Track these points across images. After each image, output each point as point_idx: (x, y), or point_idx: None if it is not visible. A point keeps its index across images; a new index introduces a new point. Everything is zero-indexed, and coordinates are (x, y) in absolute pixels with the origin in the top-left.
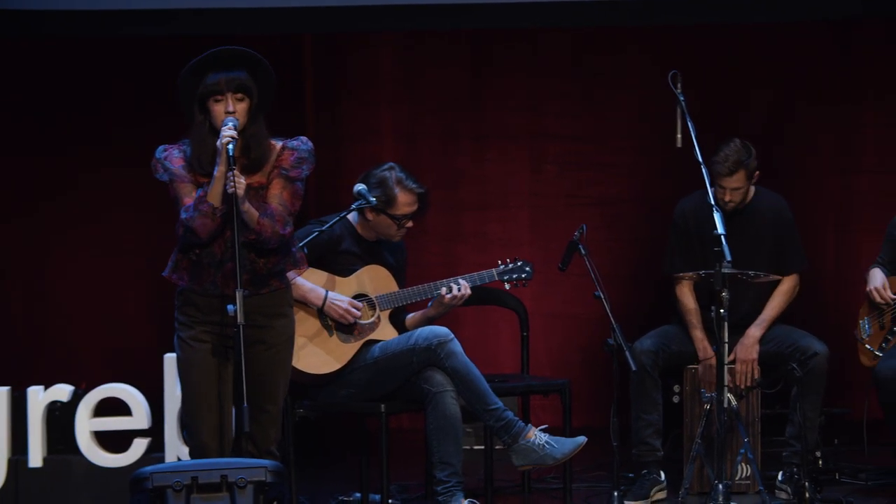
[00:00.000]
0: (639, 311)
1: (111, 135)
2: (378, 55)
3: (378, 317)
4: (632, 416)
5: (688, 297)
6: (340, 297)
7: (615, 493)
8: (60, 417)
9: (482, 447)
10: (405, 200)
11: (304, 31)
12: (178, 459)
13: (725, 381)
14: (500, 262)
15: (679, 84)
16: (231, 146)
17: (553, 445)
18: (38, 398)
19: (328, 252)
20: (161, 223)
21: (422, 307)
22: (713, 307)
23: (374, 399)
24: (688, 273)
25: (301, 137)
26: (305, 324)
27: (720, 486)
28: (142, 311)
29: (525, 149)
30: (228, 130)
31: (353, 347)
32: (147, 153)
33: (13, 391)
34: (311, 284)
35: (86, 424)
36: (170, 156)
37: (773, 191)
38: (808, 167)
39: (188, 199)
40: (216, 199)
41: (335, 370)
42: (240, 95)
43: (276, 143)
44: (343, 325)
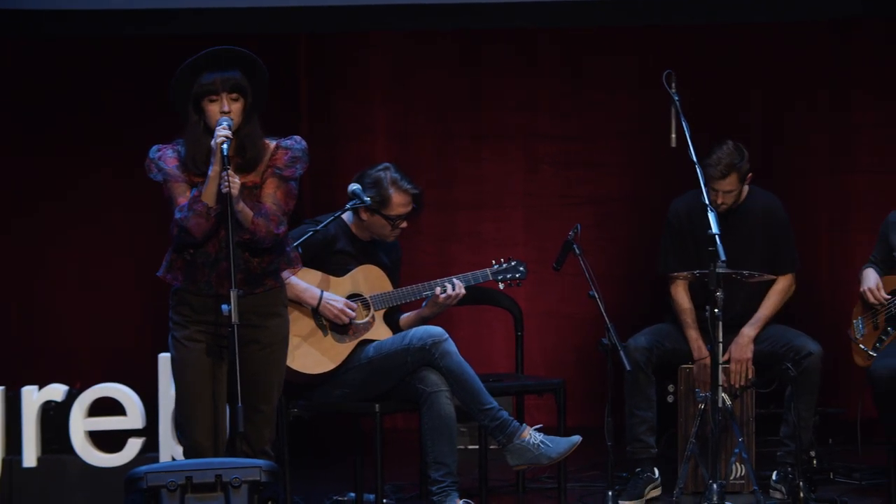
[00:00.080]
0: (633, 311)
1: (106, 135)
2: (373, 55)
3: (372, 316)
4: (626, 413)
5: (682, 297)
6: (335, 298)
7: (609, 493)
8: (55, 417)
9: (476, 447)
10: (400, 201)
11: (299, 31)
12: (173, 459)
13: (720, 381)
14: (494, 262)
15: (673, 84)
16: (225, 146)
17: (548, 445)
18: (33, 398)
19: (323, 252)
20: (155, 223)
21: (416, 307)
22: (707, 306)
23: (369, 399)
24: (682, 273)
25: (295, 137)
26: (300, 323)
27: (714, 486)
28: (136, 311)
29: (519, 148)
30: (223, 130)
31: (348, 347)
32: (142, 153)
33: (7, 391)
34: (306, 284)
35: (80, 424)
36: (164, 156)
37: (768, 190)
38: (803, 167)
39: (182, 199)
40: (211, 199)
41: (330, 370)
42: (235, 95)
43: (270, 143)
44: (338, 325)
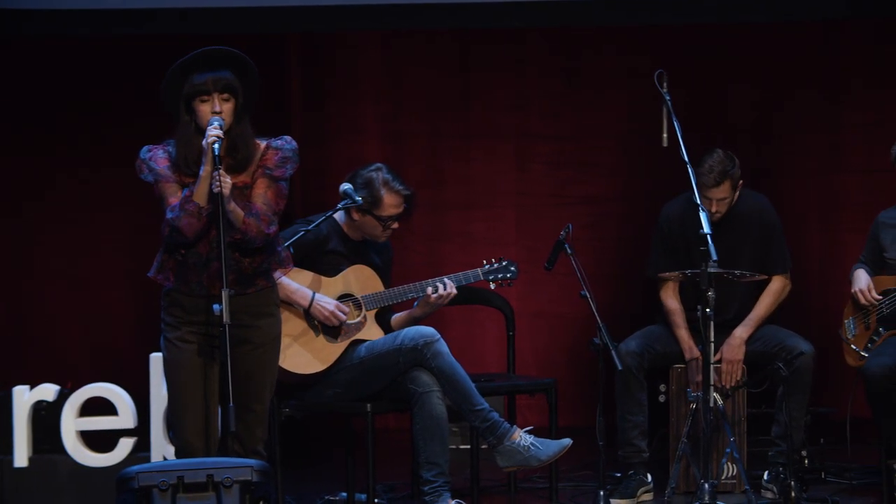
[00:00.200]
0: (625, 311)
1: (97, 134)
2: (363, 55)
3: (364, 317)
4: (617, 417)
5: (671, 300)
6: (327, 300)
7: (601, 493)
8: (46, 417)
9: (468, 447)
10: (391, 202)
11: (290, 31)
12: (164, 459)
13: (711, 381)
14: (486, 262)
15: (665, 83)
16: (217, 145)
17: (538, 447)
18: (24, 398)
19: (315, 251)
20: (147, 223)
21: (408, 307)
22: (699, 307)
23: (361, 399)
24: (673, 273)
25: (285, 137)
26: (292, 323)
27: (706, 486)
28: (127, 311)
29: (511, 148)
30: (214, 130)
31: (340, 347)
32: (131, 152)
33: None
34: (297, 285)
35: (71, 424)
36: (154, 156)
37: (759, 191)
38: (794, 167)
39: (174, 199)
40: (202, 199)
41: (321, 370)
42: (226, 95)
43: (261, 143)
44: (329, 326)
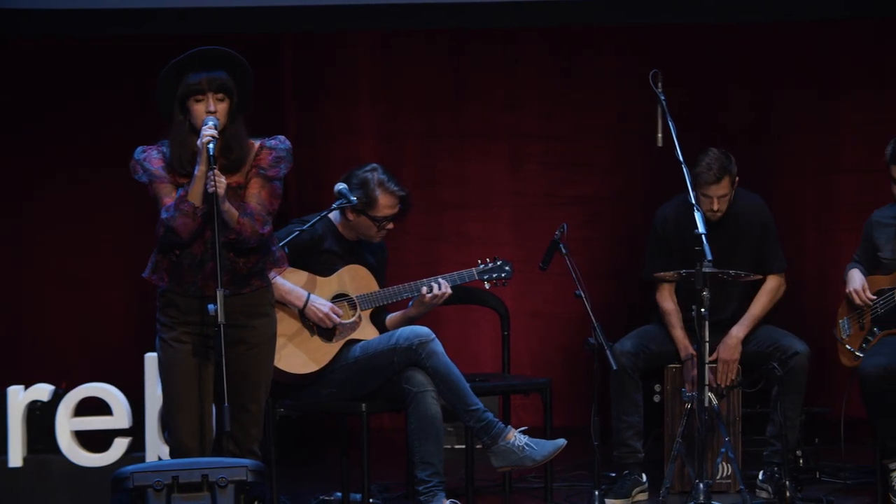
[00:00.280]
0: (620, 310)
1: (92, 134)
2: (358, 54)
3: (359, 316)
4: (612, 418)
5: (667, 301)
6: (322, 301)
7: (596, 493)
8: (41, 417)
9: (463, 447)
10: (386, 202)
11: (284, 31)
12: (159, 459)
13: (706, 381)
14: (480, 262)
15: (660, 83)
16: (212, 145)
17: (532, 447)
18: (19, 398)
19: (310, 251)
20: (142, 223)
21: (402, 307)
22: (694, 306)
23: (355, 399)
24: (668, 273)
25: (279, 137)
26: (286, 323)
27: (701, 486)
28: (122, 311)
29: (505, 148)
30: (209, 129)
31: (334, 347)
32: (127, 152)
33: None
34: (292, 285)
35: (66, 424)
36: (149, 157)
37: (755, 191)
38: (789, 167)
39: (168, 200)
40: (197, 199)
41: (316, 370)
42: (220, 95)
43: (255, 143)
44: None
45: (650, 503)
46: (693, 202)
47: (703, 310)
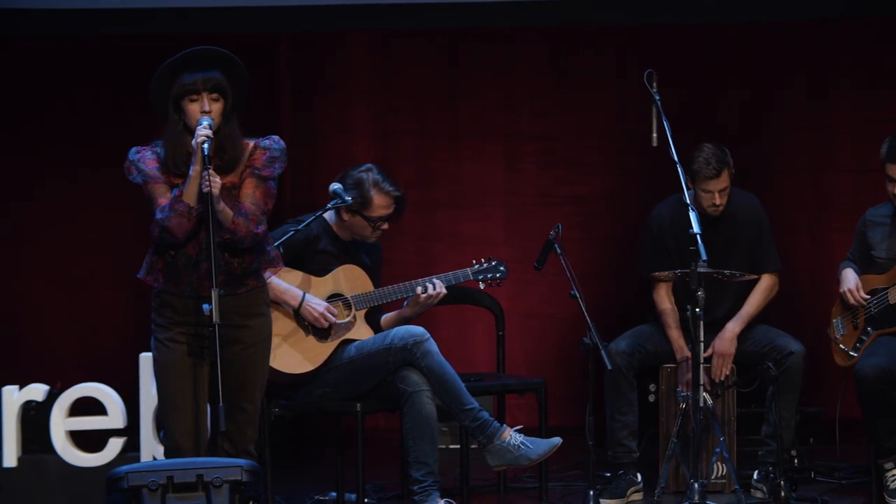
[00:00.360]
0: (614, 310)
1: (87, 135)
2: (353, 54)
3: (354, 316)
4: (607, 418)
5: (664, 300)
6: (317, 301)
7: (591, 492)
8: (35, 417)
9: (458, 446)
10: (381, 203)
11: (280, 31)
12: (154, 459)
13: (701, 381)
14: (475, 262)
15: (655, 83)
16: (206, 145)
17: (528, 446)
18: (13, 398)
19: (305, 251)
20: (136, 223)
21: (397, 307)
22: (689, 306)
23: (350, 398)
24: (664, 273)
25: (273, 136)
26: (281, 323)
27: (696, 486)
28: (117, 311)
29: (500, 148)
30: (204, 129)
31: (329, 347)
32: (122, 152)
33: None
34: (287, 285)
35: (61, 424)
36: (143, 157)
37: (749, 191)
38: (783, 166)
39: (163, 200)
40: (192, 199)
41: (311, 370)
42: (215, 95)
43: (249, 143)
44: None
45: (645, 503)
46: (688, 202)
47: (699, 310)
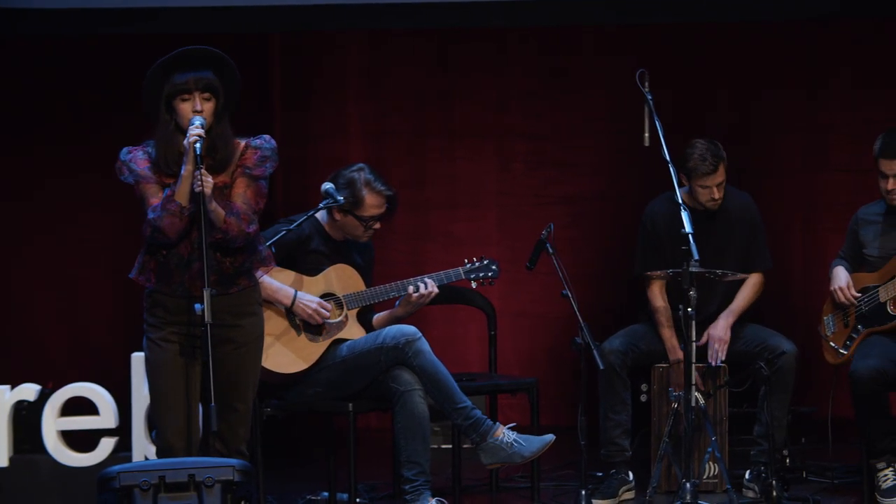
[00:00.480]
0: (606, 310)
1: (78, 134)
2: (345, 54)
3: (346, 316)
4: (600, 416)
5: (658, 298)
6: (310, 298)
7: (583, 492)
8: (27, 417)
9: (450, 446)
10: (373, 202)
11: (272, 31)
12: (146, 459)
13: (693, 380)
14: (467, 261)
15: (647, 83)
16: (199, 145)
17: (521, 444)
18: (5, 398)
19: (297, 251)
20: (129, 223)
21: (389, 306)
22: (681, 305)
23: (342, 398)
24: (657, 272)
25: (264, 136)
26: (273, 323)
27: (688, 485)
28: (109, 311)
29: (493, 148)
30: (196, 129)
31: (321, 347)
32: (115, 152)
33: None
34: (279, 284)
35: (53, 424)
36: (134, 157)
37: (743, 190)
38: (775, 166)
39: (155, 200)
40: (184, 198)
41: (303, 369)
42: (207, 95)
43: (240, 142)
44: (311, 325)
45: (637, 503)
46: (679, 201)
47: (690, 309)
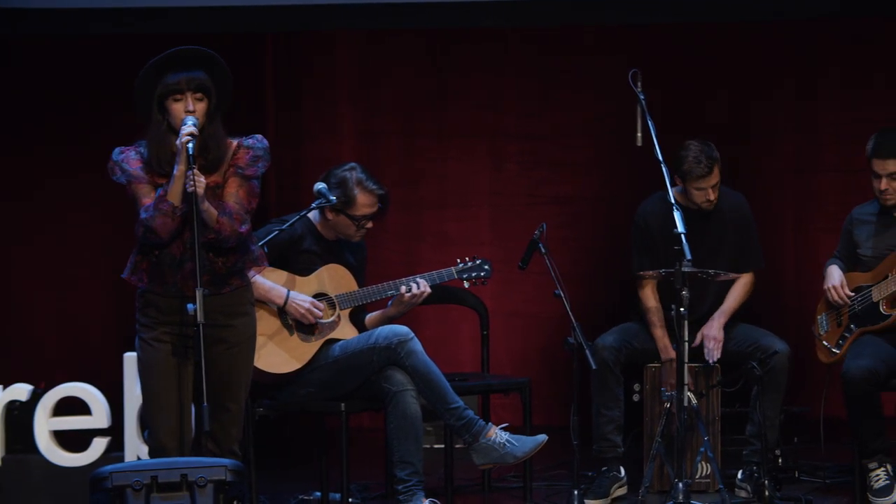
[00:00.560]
0: (599, 310)
1: (72, 134)
2: (339, 54)
3: (338, 316)
4: (593, 412)
5: (650, 298)
6: (302, 297)
7: (575, 492)
8: (19, 417)
9: (442, 446)
10: (365, 201)
11: (265, 31)
12: (138, 458)
13: (686, 380)
14: (459, 261)
15: (639, 83)
16: (191, 145)
17: (513, 444)
18: None
19: (289, 251)
20: (121, 223)
21: (382, 306)
22: (673, 305)
23: (335, 398)
24: (649, 272)
25: (256, 136)
26: (265, 323)
27: (680, 485)
28: (101, 311)
29: (485, 147)
30: (188, 129)
31: (314, 347)
32: (108, 152)
33: None
34: (271, 283)
35: (45, 424)
36: (127, 157)
37: (736, 190)
38: (768, 166)
39: (147, 200)
40: (176, 198)
41: (295, 370)
42: (199, 95)
43: (232, 142)
44: (303, 325)
45: (629, 502)
46: (672, 201)
47: (683, 309)
